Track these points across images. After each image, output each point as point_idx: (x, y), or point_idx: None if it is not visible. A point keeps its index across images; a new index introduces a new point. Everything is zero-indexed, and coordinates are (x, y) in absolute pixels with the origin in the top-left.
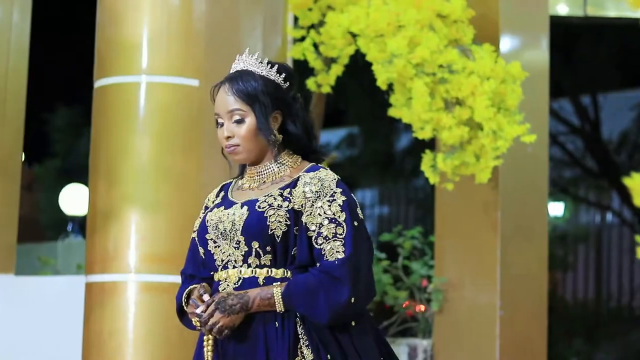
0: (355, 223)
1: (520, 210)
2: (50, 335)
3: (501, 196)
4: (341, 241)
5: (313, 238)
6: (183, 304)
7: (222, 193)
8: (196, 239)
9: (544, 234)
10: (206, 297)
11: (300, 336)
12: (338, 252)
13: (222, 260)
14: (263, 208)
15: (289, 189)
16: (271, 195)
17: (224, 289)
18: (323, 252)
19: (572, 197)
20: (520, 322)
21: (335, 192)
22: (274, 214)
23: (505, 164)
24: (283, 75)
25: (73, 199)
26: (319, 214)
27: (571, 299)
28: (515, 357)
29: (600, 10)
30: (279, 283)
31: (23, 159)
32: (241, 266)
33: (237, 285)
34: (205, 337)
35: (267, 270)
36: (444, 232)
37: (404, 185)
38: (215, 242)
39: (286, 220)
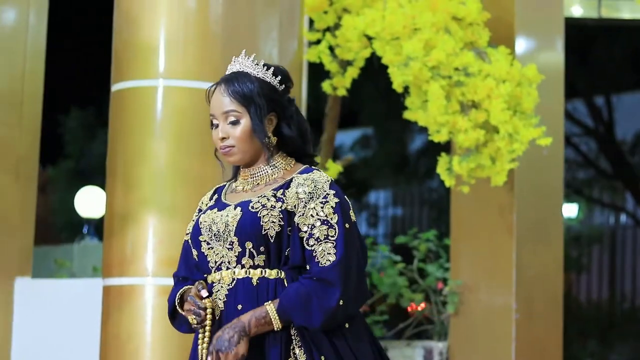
0: (347, 225)
1: (535, 212)
2: (68, 338)
3: (516, 199)
4: (333, 243)
5: (304, 239)
6: (177, 305)
7: (216, 196)
8: (189, 241)
9: (559, 236)
10: (204, 293)
11: (292, 337)
12: (329, 254)
13: (216, 262)
14: (256, 209)
15: (282, 190)
16: (264, 196)
17: (218, 290)
18: (314, 254)
19: (586, 199)
20: (536, 325)
21: (328, 194)
22: (267, 214)
23: (520, 166)
24: (279, 77)
25: (88, 202)
26: (311, 215)
27: (585, 300)
28: (530, 359)
29: (614, 12)
30: (270, 301)
31: None
32: (235, 267)
33: (230, 287)
34: (200, 336)
35: (261, 271)
36: (459, 235)
37: (417, 187)
38: (208, 243)
39: (279, 221)
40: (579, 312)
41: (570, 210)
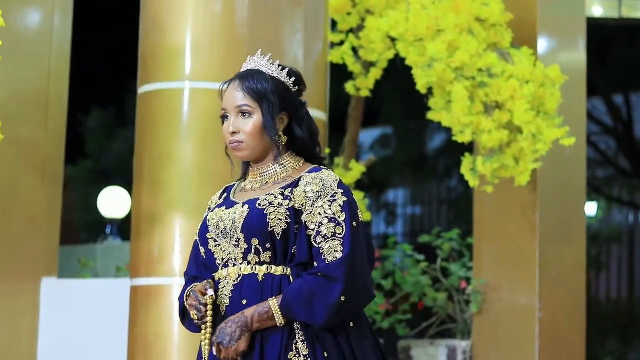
0: (354, 223)
1: (558, 212)
2: (94, 339)
3: (539, 198)
4: (340, 240)
5: (312, 237)
6: (186, 304)
7: (225, 195)
8: (198, 240)
9: (582, 236)
10: (210, 292)
11: (296, 331)
12: (336, 251)
13: (223, 259)
14: (263, 206)
15: (290, 189)
16: (272, 194)
17: (224, 287)
18: (321, 251)
19: (606, 197)
20: (559, 324)
21: (336, 193)
22: (274, 211)
23: (543, 166)
24: (293, 79)
25: (111, 202)
26: (319, 213)
27: (604, 298)
28: (554, 358)
29: (635, 11)
30: (274, 297)
31: None
32: (241, 264)
33: (236, 283)
34: (202, 332)
35: (267, 267)
36: (482, 234)
37: (436, 186)
38: (215, 240)
39: (286, 218)
40: (598, 311)
41: (590, 208)
